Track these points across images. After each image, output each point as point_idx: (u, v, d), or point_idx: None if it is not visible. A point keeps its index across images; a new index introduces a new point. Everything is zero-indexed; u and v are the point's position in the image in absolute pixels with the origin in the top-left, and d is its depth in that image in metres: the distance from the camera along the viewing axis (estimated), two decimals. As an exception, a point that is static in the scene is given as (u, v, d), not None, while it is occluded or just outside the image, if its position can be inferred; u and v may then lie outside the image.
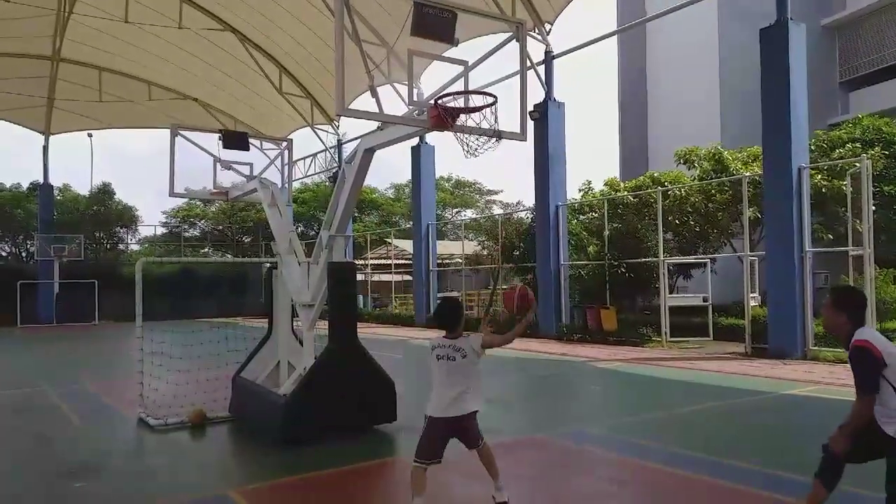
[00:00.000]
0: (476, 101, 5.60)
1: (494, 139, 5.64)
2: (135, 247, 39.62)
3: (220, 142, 9.07)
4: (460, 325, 4.59)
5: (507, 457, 6.34)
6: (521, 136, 6.04)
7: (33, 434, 7.75)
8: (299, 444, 6.53)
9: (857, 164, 13.09)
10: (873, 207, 12.92)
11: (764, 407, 8.53)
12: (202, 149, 9.24)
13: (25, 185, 37.63)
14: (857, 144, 17.52)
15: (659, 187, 17.99)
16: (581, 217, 21.76)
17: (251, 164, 9.40)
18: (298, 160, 32.08)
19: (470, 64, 5.85)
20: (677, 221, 19.31)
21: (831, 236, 16.92)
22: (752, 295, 14.22)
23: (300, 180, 36.42)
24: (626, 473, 5.81)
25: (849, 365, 3.55)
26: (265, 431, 6.99)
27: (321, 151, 31.09)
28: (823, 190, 16.20)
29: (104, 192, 37.25)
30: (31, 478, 5.94)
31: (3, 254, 37.36)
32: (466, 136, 5.68)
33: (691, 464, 5.87)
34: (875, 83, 28.17)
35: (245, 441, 7.24)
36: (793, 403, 8.68)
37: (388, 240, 33.25)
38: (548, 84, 18.66)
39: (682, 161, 20.75)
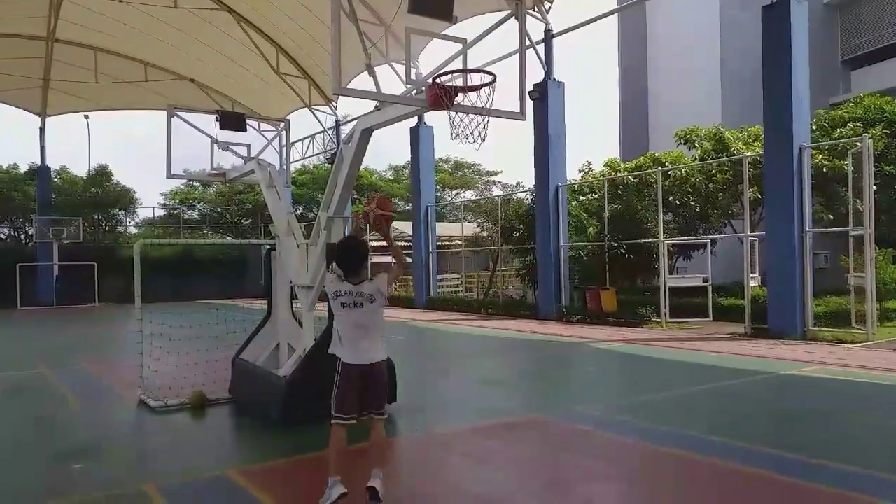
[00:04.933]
0: (474, 80, 5.53)
1: (483, 127, 5.56)
2: (133, 229, 39.55)
3: (218, 123, 9.01)
4: (364, 269, 4.33)
5: (504, 437, 6.36)
6: (521, 116, 5.99)
7: (32, 416, 7.77)
8: (299, 425, 6.54)
9: (859, 144, 13.01)
10: (874, 187, 12.86)
11: (764, 387, 8.55)
12: (199, 130, 9.19)
13: (23, 168, 37.47)
14: (859, 124, 17.38)
15: (659, 167, 17.89)
16: (581, 198, 21.68)
17: (249, 146, 9.36)
18: (296, 142, 31.86)
19: (468, 42, 5.77)
20: (677, 202, 19.25)
21: (832, 216, 16.87)
22: (752, 275, 14.20)
23: (299, 162, 36.26)
24: (624, 454, 5.82)
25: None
26: (265, 413, 7.01)
27: (319, 133, 30.90)
28: (824, 170, 16.11)
29: (102, 174, 37.09)
30: (30, 459, 5.96)
31: (2, 236, 37.27)
32: (457, 119, 5.60)
33: (689, 444, 5.88)
34: (877, 62, 27.93)
35: (245, 422, 7.26)
36: (793, 383, 8.69)
37: (388, 221, 33.08)
38: (547, 63, 18.48)
39: (682, 141, 20.63)
